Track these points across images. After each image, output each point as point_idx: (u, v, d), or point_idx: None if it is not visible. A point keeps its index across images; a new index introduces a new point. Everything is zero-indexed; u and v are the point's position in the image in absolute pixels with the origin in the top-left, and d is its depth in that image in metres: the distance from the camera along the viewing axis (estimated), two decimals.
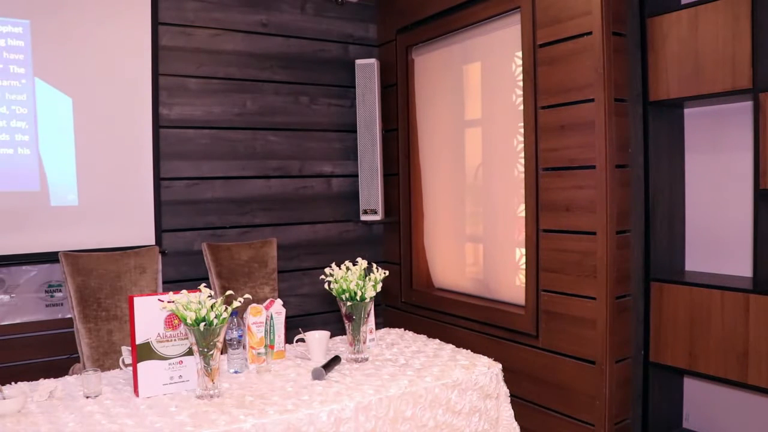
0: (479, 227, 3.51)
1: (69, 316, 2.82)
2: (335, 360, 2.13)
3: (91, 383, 1.87)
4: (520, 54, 3.03)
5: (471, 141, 3.52)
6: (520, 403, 2.92)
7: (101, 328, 2.64)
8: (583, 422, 2.75)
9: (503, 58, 3.19)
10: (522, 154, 3.05)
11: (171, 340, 1.91)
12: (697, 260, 2.87)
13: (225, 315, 1.81)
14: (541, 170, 2.92)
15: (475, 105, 3.47)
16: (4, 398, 1.76)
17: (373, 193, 3.93)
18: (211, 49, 3.56)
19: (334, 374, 2.07)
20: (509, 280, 3.25)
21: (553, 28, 2.82)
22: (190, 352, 1.91)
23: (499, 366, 2.21)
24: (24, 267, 3.10)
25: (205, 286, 1.85)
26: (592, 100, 2.66)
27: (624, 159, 2.72)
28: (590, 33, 2.65)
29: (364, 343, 2.27)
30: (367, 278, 2.20)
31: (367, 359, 2.24)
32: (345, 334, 2.31)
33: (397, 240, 4.01)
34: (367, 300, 2.18)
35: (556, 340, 2.87)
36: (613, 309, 2.67)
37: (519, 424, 2.24)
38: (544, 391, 2.93)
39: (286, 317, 2.30)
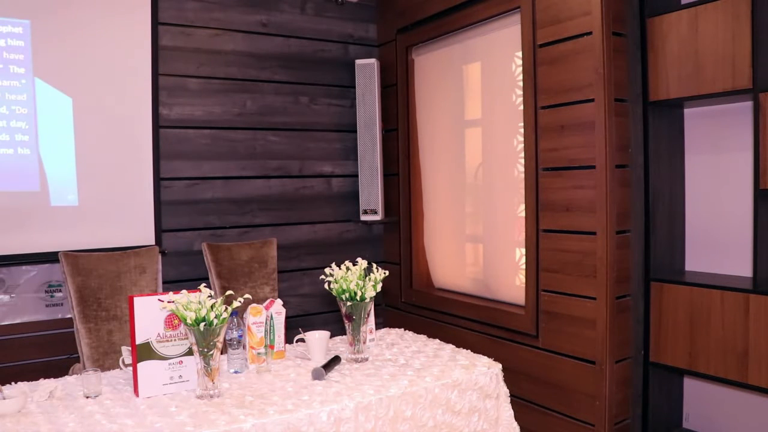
0: (479, 227, 3.51)
1: (69, 316, 2.82)
2: (335, 360, 2.13)
3: (91, 383, 1.87)
4: (520, 54, 3.03)
5: (471, 141, 3.52)
6: (520, 403, 2.92)
7: (101, 328, 2.64)
8: (583, 422, 2.75)
9: (503, 58, 3.19)
10: (522, 154, 3.05)
11: (171, 340, 1.91)
12: (697, 260, 2.87)
13: (225, 315, 1.81)
14: (541, 170, 2.92)
15: (475, 105, 3.46)
16: (4, 398, 1.76)
17: (373, 193, 3.93)
18: (211, 49, 3.56)
19: (334, 374, 2.07)
20: (509, 280, 3.25)
21: (553, 28, 2.82)
22: (190, 352, 1.91)
23: (499, 366, 2.21)
24: (24, 267, 3.10)
25: (205, 286, 1.85)
26: (592, 100, 2.66)
27: (624, 159, 2.72)
28: (590, 33, 2.65)
29: (364, 343, 2.27)
30: (367, 278, 2.20)
31: (367, 359, 2.24)
32: (345, 334, 2.31)
33: (397, 240, 4.01)
34: (367, 300, 2.18)
35: (556, 340, 2.87)
36: (613, 309, 2.67)
37: (519, 424, 2.24)
38: (544, 391, 2.93)
39: (286, 317, 2.30)
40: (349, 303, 2.18)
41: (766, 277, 2.36)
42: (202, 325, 1.76)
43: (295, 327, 2.58)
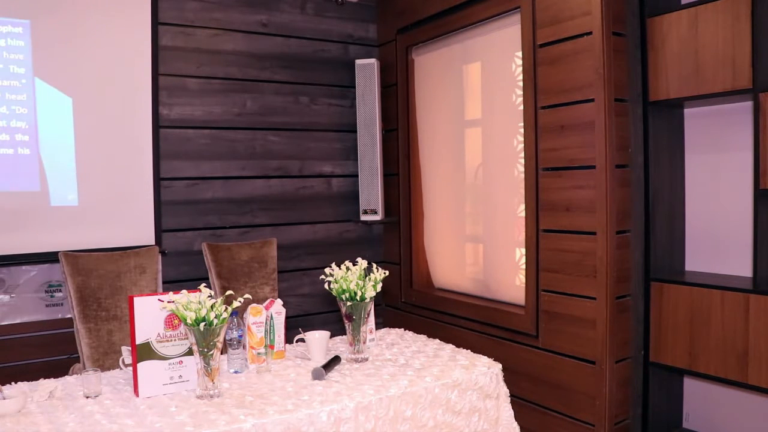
0: (479, 227, 3.51)
1: (69, 316, 2.82)
2: (335, 360, 2.13)
3: (91, 383, 1.87)
4: (520, 54, 3.03)
5: (471, 141, 3.52)
6: (520, 403, 2.92)
7: (101, 328, 2.64)
8: (583, 422, 2.75)
9: (503, 58, 3.19)
10: (522, 154, 3.05)
11: (171, 340, 1.91)
12: (697, 260, 2.87)
13: (225, 315, 1.81)
14: (541, 170, 2.92)
15: (475, 105, 3.47)
16: (4, 398, 1.76)
17: (373, 193, 3.93)
18: (211, 49, 3.56)
19: (334, 374, 2.07)
20: (509, 280, 3.25)
21: (553, 28, 2.82)
22: (190, 352, 1.91)
23: (499, 366, 2.21)
24: (24, 267, 3.10)
25: (205, 286, 1.85)
26: (592, 100, 2.66)
27: (624, 159, 2.72)
28: (590, 33, 2.65)
29: (364, 343, 2.27)
30: (367, 278, 2.20)
31: (367, 359, 2.24)
32: (345, 334, 2.31)
33: (397, 240, 4.01)
34: (367, 300, 2.18)
35: (556, 340, 2.87)
36: (613, 309, 2.67)
37: (519, 424, 2.24)
38: (544, 391, 2.93)
39: (286, 317, 2.30)
40: (349, 303, 2.18)
41: (766, 277, 2.36)
42: (202, 325, 1.76)
43: (295, 327, 2.58)
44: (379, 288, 2.20)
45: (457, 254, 3.67)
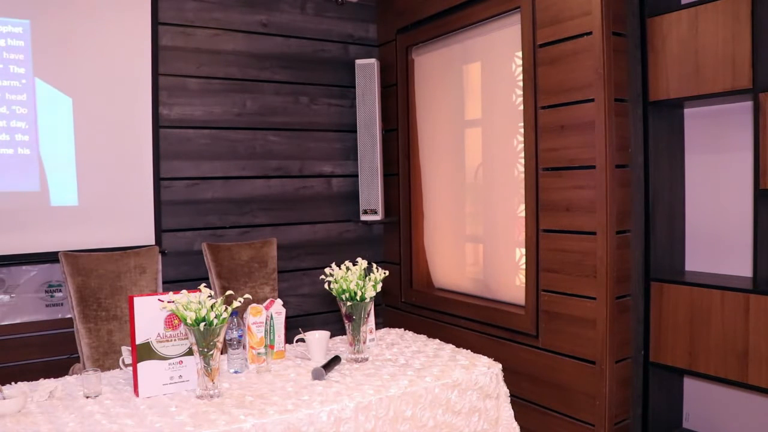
0: (479, 227, 3.51)
1: (69, 316, 2.82)
2: (335, 360, 2.13)
3: (91, 383, 1.87)
4: (520, 54, 3.03)
5: (471, 141, 3.52)
6: (520, 403, 2.92)
7: (101, 328, 2.64)
8: (583, 422, 2.75)
9: (503, 58, 3.19)
10: (522, 154, 3.05)
11: (171, 340, 1.91)
12: (697, 260, 2.87)
13: (225, 315, 1.81)
14: (541, 170, 2.92)
15: (475, 105, 3.47)
16: (4, 398, 1.76)
17: (373, 193, 3.93)
18: (211, 49, 3.56)
19: (334, 374, 2.07)
20: (509, 280, 3.25)
21: (553, 28, 2.82)
22: (190, 352, 1.91)
23: (499, 366, 2.21)
24: (24, 267, 3.10)
25: (205, 286, 1.85)
26: (592, 100, 2.66)
27: (624, 159, 2.72)
28: (590, 33, 2.65)
29: (364, 343, 2.27)
30: (367, 278, 2.20)
31: (367, 359, 2.24)
32: (345, 334, 2.31)
33: (397, 240, 4.01)
34: (367, 300, 2.18)
35: (556, 340, 2.87)
36: (613, 309, 2.67)
37: (519, 424, 2.24)
38: (544, 391, 2.93)
39: (286, 317, 2.30)
40: (349, 303, 2.18)
41: (766, 277, 2.36)
42: (202, 325, 1.76)
43: (295, 327, 2.58)
44: (379, 288, 2.20)
45: (457, 254, 3.67)
